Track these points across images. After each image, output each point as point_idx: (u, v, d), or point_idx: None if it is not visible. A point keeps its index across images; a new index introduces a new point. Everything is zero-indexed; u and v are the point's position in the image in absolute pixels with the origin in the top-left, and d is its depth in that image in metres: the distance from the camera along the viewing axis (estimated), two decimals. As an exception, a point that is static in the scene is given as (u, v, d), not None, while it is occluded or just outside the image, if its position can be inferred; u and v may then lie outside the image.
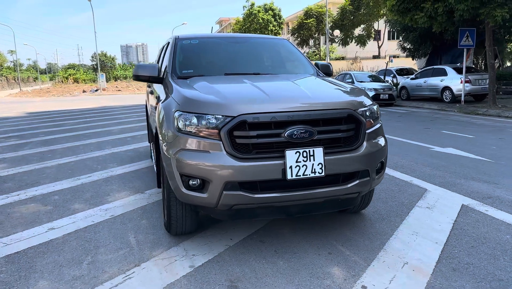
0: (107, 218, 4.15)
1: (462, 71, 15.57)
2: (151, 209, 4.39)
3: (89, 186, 5.38)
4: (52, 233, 3.80)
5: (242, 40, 4.84)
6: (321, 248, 3.33)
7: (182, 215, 3.40)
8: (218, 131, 2.98)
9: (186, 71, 4.14)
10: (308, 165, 2.99)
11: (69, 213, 4.34)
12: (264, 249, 3.34)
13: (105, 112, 17.13)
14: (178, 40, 4.59)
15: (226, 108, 3.01)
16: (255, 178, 2.96)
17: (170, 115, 3.27)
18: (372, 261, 3.08)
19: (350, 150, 3.18)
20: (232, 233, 3.66)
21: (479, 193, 4.67)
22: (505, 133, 9.12)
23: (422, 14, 13.69)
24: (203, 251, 3.33)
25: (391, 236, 3.52)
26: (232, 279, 2.87)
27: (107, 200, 4.76)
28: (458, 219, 3.89)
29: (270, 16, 42.02)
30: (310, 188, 3.07)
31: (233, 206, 3.04)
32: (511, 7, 12.74)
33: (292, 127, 2.99)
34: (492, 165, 6.05)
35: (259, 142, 2.98)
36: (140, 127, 11.61)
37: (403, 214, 4.03)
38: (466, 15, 12.90)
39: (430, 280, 2.80)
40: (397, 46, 26.32)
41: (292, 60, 4.73)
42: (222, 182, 2.94)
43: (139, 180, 5.63)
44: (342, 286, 2.75)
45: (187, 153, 3.06)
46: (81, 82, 59.87)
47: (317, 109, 3.10)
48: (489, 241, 3.39)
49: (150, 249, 3.39)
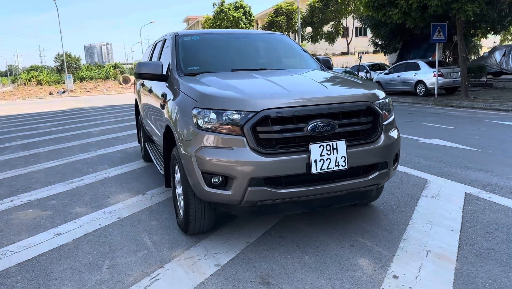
0: (114, 221, 4.03)
1: (434, 65, 16.02)
2: (158, 209, 4.30)
3: (85, 189, 5.21)
4: (60, 238, 3.66)
5: (242, 36, 4.80)
6: (342, 241, 3.35)
7: (200, 213, 3.34)
8: (241, 127, 2.94)
9: (192, 68, 4.07)
10: (332, 158, 3.00)
11: (72, 217, 4.19)
12: (286, 245, 3.33)
13: (79, 114, 16.64)
14: (178, 37, 4.50)
15: (249, 104, 2.98)
16: (280, 173, 2.94)
17: (187, 113, 3.20)
18: (395, 251, 3.12)
19: (370, 142, 3.20)
20: (249, 230, 3.63)
21: (477, 181, 4.82)
22: (484, 124, 9.45)
23: (397, 10, 13.99)
24: (225, 249, 3.29)
25: (407, 226, 3.58)
26: (262, 276, 2.85)
27: (109, 202, 4.63)
28: (465, 207, 3.99)
29: (240, 14, 41.90)
30: (334, 181, 3.08)
31: (257, 202, 3.01)
32: (481, 2, 13.20)
33: (314, 121, 2.98)
34: (481, 154, 6.26)
35: (283, 137, 2.96)
36: (120, 128, 11.35)
37: (412, 204, 4.11)
38: (439, 11, 13.28)
39: (457, 266, 2.86)
40: (365, 42, 26.89)
41: (294, 54, 4.73)
42: (247, 178, 2.91)
43: (136, 181, 5.50)
44: (373, 277, 2.77)
45: (209, 150, 3.01)
46: (45, 84, 57.91)
47: (337, 102, 3.11)
48: (502, 226, 3.50)
49: (169, 250, 3.32)
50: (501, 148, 6.65)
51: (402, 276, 2.76)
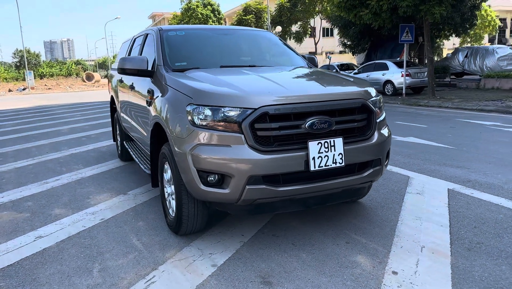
0: (98, 222, 3.87)
1: (402, 66, 16.44)
2: (143, 210, 4.16)
3: (62, 190, 4.99)
4: (42, 241, 3.48)
5: (229, 32, 4.72)
6: (337, 238, 3.35)
7: (194, 213, 3.25)
8: (239, 124, 2.88)
9: (179, 63, 3.96)
10: (330, 155, 2.99)
11: (52, 219, 4.00)
12: (281, 243, 3.29)
13: (44, 112, 16.02)
14: (163, 31, 4.37)
15: (246, 101, 2.92)
16: (279, 171, 2.90)
17: (180, 110, 3.11)
18: (391, 247, 3.15)
19: (364, 139, 3.22)
20: (241, 229, 3.57)
21: (457, 177, 4.95)
22: (453, 122, 9.76)
23: (367, 10, 14.25)
24: (219, 249, 3.21)
25: (398, 222, 3.62)
26: (262, 275, 2.80)
27: (89, 203, 4.45)
28: (450, 202, 4.09)
29: (209, 11, 41.58)
30: (331, 178, 3.07)
31: (255, 200, 2.96)
32: (448, 5, 13.65)
33: (311, 118, 2.96)
34: (456, 151, 6.45)
35: (281, 134, 2.92)
36: (90, 127, 11.00)
37: (398, 201, 4.17)
38: (409, 12, 13.63)
39: (452, 261, 2.91)
40: (332, 42, 27.25)
41: (281, 52, 4.70)
42: (245, 176, 2.85)
43: (115, 181, 5.32)
44: (373, 273, 2.78)
45: (205, 148, 2.93)
46: (3, 81, 55.42)
47: (334, 99, 3.10)
48: (488, 221, 3.60)
49: (161, 251, 3.21)
50: (473, 145, 6.88)
51: (401, 272, 2.78)
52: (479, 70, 20.42)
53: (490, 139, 7.34)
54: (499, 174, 5.06)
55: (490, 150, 6.44)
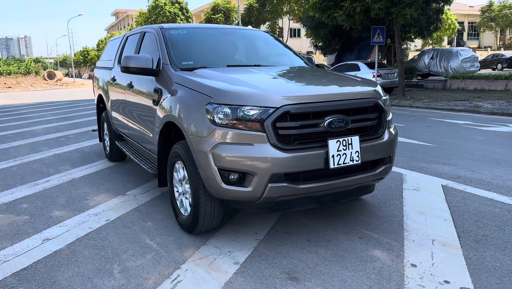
0: (104, 223, 3.80)
1: (373, 66, 16.87)
2: (147, 210, 4.12)
3: (55, 191, 4.85)
4: (51, 244, 3.39)
5: (229, 32, 4.73)
6: (349, 234, 3.44)
7: (210, 212, 3.26)
8: (261, 123, 2.91)
9: (186, 62, 3.94)
10: (347, 153, 3.07)
11: (54, 221, 3.89)
12: (296, 240, 3.35)
13: (11, 112, 15.40)
14: (164, 30, 4.33)
15: (268, 100, 2.96)
16: (300, 169, 2.96)
17: (198, 108, 3.11)
18: (403, 241, 3.27)
19: (376, 137, 3.33)
20: (253, 227, 3.60)
21: (447, 174, 5.17)
22: (428, 122, 10.14)
23: (341, 12, 14.54)
24: (237, 247, 3.24)
25: (403, 217, 3.76)
26: (287, 271, 2.85)
27: (89, 204, 4.35)
28: (447, 198, 4.27)
29: (177, 9, 41.11)
30: (347, 175, 3.16)
31: (276, 198, 3.01)
32: (417, 7, 14.13)
33: (330, 117, 3.04)
34: (438, 149, 6.72)
35: (301, 133, 2.98)
36: (65, 126, 10.68)
37: (398, 197, 4.32)
38: (381, 14, 14.01)
39: (464, 253, 3.06)
40: (299, 43, 27.64)
41: (282, 51, 4.76)
42: (268, 174, 2.89)
43: (109, 181, 5.22)
44: (393, 266, 2.89)
45: (227, 147, 2.95)
46: (-46, 79, 52.53)
47: (350, 98, 3.20)
48: (486, 214, 3.80)
49: (178, 250, 3.20)
50: (453, 143, 7.18)
51: (419, 264, 2.90)
52: (444, 72, 21.24)
53: (466, 138, 7.68)
54: (485, 170, 5.32)
55: (470, 148, 6.75)
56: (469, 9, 65.82)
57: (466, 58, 21.02)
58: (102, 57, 6.85)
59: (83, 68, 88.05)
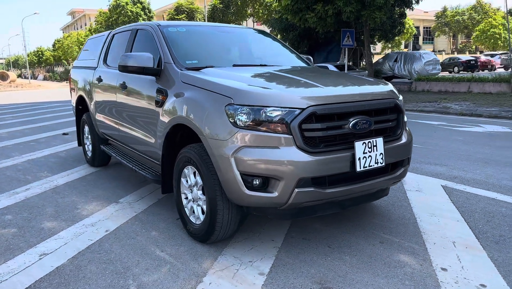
0: (104, 234, 3.52)
1: (343, 69, 17.08)
2: (148, 219, 3.86)
3: (40, 200, 4.48)
4: (50, 259, 3.08)
5: (229, 30, 4.54)
6: (368, 239, 3.35)
7: (228, 219, 3.06)
8: (287, 124, 2.76)
9: (190, 61, 3.73)
10: (372, 155, 2.98)
11: (47, 233, 3.57)
12: (317, 247, 3.22)
13: (-34, 115, 14.39)
14: (162, 27, 4.09)
15: (293, 100, 2.82)
16: (327, 172, 2.84)
17: (216, 110, 2.92)
18: (425, 244, 3.21)
19: (396, 139, 3.26)
20: (267, 234, 3.44)
21: (442, 174, 5.21)
22: (404, 123, 10.31)
23: (313, 14, 14.63)
24: (257, 256, 3.06)
25: (416, 220, 3.71)
26: (318, 281, 2.71)
27: (81, 214, 4.04)
28: (451, 198, 4.28)
29: (139, 9, 40.17)
30: (371, 178, 3.07)
31: (302, 203, 2.86)
32: (387, 10, 14.45)
33: (354, 118, 2.94)
34: (424, 149, 6.80)
35: (326, 135, 2.86)
36: (31, 130, 10.07)
37: (404, 199, 4.28)
38: (352, 17, 14.21)
39: (488, 254, 3.03)
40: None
41: (282, 51, 4.62)
42: (295, 178, 2.74)
43: (96, 188, 4.89)
44: (424, 271, 2.81)
45: (251, 150, 2.78)
46: None
47: (373, 99, 3.11)
48: (495, 214, 3.82)
49: (195, 262, 2.99)
50: (436, 143, 7.31)
51: (449, 268, 2.84)
52: (408, 74, 21.86)
53: (446, 138, 7.84)
54: (476, 169, 5.41)
55: (453, 148, 6.88)
56: (424, 15, 68.45)
57: (428, 61, 21.74)
58: (80, 56, 6.47)
59: (38, 69, 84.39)
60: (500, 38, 47.67)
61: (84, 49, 6.39)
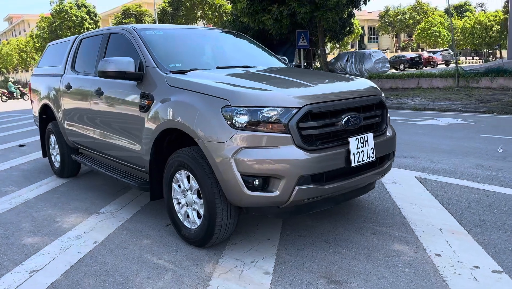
0: (93, 246, 3.40)
1: (299, 69, 17.42)
2: (136, 227, 3.76)
3: (13, 216, 4.25)
4: (42, 276, 2.94)
5: (208, 33, 4.52)
6: (361, 231, 3.45)
7: (227, 222, 3.06)
8: (285, 124, 2.80)
9: (174, 65, 3.68)
10: (365, 150, 3.09)
11: (31, 249, 3.40)
12: (314, 242, 3.28)
13: None
14: (139, 31, 4.00)
15: (289, 100, 2.86)
16: (325, 169, 2.91)
17: (213, 112, 2.91)
18: (414, 233, 3.36)
19: (382, 133, 3.39)
20: (262, 233, 3.47)
21: (413, 166, 5.46)
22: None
23: (269, 16, 14.81)
24: (257, 256, 3.08)
25: (401, 210, 3.87)
26: (324, 276, 2.77)
27: (62, 227, 3.88)
28: (428, 188, 4.50)
29: (84, 13, 38.82)
30: (363, 172, 3.17)
31: (302, 200, 2.91)
32: (339, 11, 14.89)
33: (346, 115, 3.03)
34: (390, 144, 7.07)
35: (323, 132, 2.93)
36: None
37: (384, 191, 4.45)
38: (306, 18, 14.52)
39: (474, 238, 3.22)
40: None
41: (259, 52, 4.65)
42: (296, 176, 2.79)
43: (72, 200, 4.70)
44: (420, 258, 2.94)
45: (250, 151, 2.80)
46: None
47: (362, 96, 3.22)
48: (471, 201, 4.05)
49: (197, 267, 2.96)
50: (399, 137, 7.46)
51: (442, 253, 2.99)
52: (359, 73, 22.63)
53: (407, 132, 8.20)
54: (443, 160, 5.71)
55: (416, 141, 7.21)
56: (368, 15, 71.04)
57: (378, 60, 22.61)
58: (41, 63, 6.18)
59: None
60: (439, 35, 50.44)
61: (45, 56, 6.11)
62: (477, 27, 48.76)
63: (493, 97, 12.85)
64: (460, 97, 13.53)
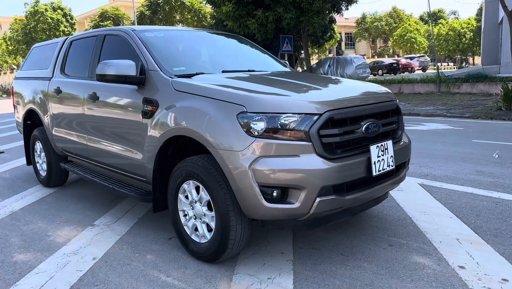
0: (93, 263, 3.15)
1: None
2: (136, 241, 3.53)
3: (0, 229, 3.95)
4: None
5: (207, 36, 4.32)
6: (377, 242, 3.32)
7: (240, 235, 2.87)
8: (305, 131, 2.64)
9: (178, 68, 3.48)
10: (385, 158, 2.96)
11: (24, 268, 3.12)
12: (330, 256, 3.12)
13: None
14: (139, 32, 3.78)
15: (309, 106, 2.71)
16: (347, 179, 2.76)
17: (228, 119, 2.73)
18: (432, 244, 3.24)
19: (398, 140, 3.27)
20: (274, 247, 3.29)
21: (414, 172, 5.38)
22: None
23: (254, 20, 14.69)
24: (273, 272, 2.90)
25: (412, 220, 3.75)
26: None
27: (56, 241, 3.60)
28: (434, 196, 4.41)
29: (60, 15, 37.89)
30: (382, 181, 3.04)
31: (322, 213, 2.75)
32: (324, 16, 14.91)
33: (366, 122, 2.89)
34: (384, 150, 7.01)
35: (344, 140, 2.78)
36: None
37: (390, 198, 4.33)
38: (292, 23, 14.47)
39: (494, 248, 3.12)
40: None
41: (261, 55, 4.48)
42: (318, 187, 2.63)
43: (62, 211, 4.42)
44: (444, 271, 2.82)
45: (269, 160, 2.62)
46: None
47: (378, 102, 3.10)
48: (481, 208, 3.98)
49: (210, 285, 2.75)
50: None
51: (466, 265, 2.87)
52: (341, 78, 22.75)
53: (399, 138, 8.17)
54: (442, 166, 5.66)
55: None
56: (345, 21, 71.89)
57: (359, 65, 22.81)
58: (25, 66, 5.86)
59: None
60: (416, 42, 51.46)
61: (30, 58, 5.79)
62: (451, 34, 50.02)
63: (476, 103, 13.06)
64: (443, 103, 13.70)
